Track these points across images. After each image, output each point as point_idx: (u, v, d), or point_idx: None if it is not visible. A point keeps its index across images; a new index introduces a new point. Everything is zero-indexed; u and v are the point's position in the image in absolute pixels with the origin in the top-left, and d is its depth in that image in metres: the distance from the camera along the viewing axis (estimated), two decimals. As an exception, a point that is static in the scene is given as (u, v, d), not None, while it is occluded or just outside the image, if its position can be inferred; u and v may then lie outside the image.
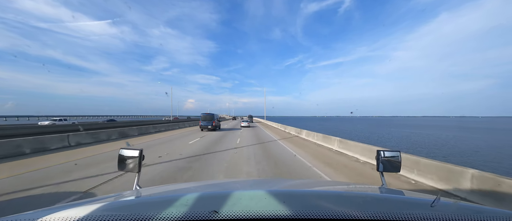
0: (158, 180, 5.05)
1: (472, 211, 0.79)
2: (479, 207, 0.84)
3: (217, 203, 0.80)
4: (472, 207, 0.85)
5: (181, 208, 0.74)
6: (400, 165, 1.49)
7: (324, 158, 8.38)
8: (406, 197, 1.05)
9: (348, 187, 1.42)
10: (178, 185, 1.52)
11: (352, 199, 0.98)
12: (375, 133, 36.42)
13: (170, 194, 0.89)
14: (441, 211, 0.77)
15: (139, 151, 1.40)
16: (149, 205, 0.78)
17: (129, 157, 1.40)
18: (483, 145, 20.60)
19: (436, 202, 0.81)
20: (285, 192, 1.01)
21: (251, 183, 1.62)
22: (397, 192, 1.20)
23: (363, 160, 7.92)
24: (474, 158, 14.04)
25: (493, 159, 13.70)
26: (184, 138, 14.06)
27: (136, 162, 1.39)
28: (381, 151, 1.51)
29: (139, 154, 1.40)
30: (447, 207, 0.83)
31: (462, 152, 16.40)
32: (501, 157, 14.36)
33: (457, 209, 0.82)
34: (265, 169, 6.29)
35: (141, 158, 1.41)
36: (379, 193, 1.17)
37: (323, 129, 43.14)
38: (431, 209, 0.79)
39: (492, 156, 14.92)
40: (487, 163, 12.51)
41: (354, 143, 9.02)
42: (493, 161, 13.23)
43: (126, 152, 1.41)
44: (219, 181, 2.29)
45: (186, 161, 7.05)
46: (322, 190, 1.27)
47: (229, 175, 5.62)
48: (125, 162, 1.40)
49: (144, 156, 1.44)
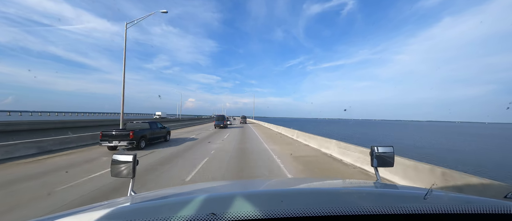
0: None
1: (462, 201, 0.85)
2: (469, 197, 0.89)
3: (215, 205, 0.79)
4: (462, 197, 0.90)
5: (179, 212, 0.73)
6: (394, 160, 1.53)
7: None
8: (400, 190, 1.10)
9: (344, 183, 1.45)
10: (174, 189, 1.50)
11: (349, 195, 1.01)
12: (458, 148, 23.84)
13: (167, 199, 0.87)
14: (434, 203, 0.81)
15: (133, 156, 1.38)
16: (145, 211, 0.77)
17: (123, 162, 1.38)
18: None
19: (429, 195, 0.85)
20: (282, 191, 1.02)
21: (248, 184, 1.62)
22: (392, 186, 1.25)
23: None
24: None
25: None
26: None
27: (130, 168, 1.36)
28: (374, 147, 1.56)
29: (133, 159, 1.37)
30: (439, 199, 0.89)
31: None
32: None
33: (449, 200, 0.88)
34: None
35: (135, 163, 1.38)
36: (374, 188, 1.21)
37: (340, 135, 35.94)
38: (424, 201, 0.83)
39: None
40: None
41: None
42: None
43: (120, 157, 1.39)
44: (216, 183, 2.28)
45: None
46: (319, 188, 1.29)
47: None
48: (119, 168, 1.38)
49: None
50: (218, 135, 18.17)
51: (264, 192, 0.89)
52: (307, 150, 11.13)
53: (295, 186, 1.39)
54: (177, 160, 8.30)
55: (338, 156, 9.20)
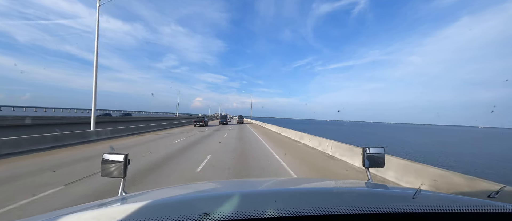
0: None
1: (449, 201, 0.88)
2: (455, 197, 0.93)
3: (207, 205, 0.79)
4: (449, 197, 0.94)
5: (171, 212, 0.72)
6: (384, 161, 1.56)
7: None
8: (390, 190, 1.13)
9: (336, 183, 1.48)
10: (166, 190, 1.48)
11: (340, 195, 1.03)
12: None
13: (159, 199, 0.87)
14: (422, 202, 0.85)
15: (124, 156, 1.31)
16: (136, 211, 0.75)
17: (113, 161, 1.31)
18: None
19: (418, 194, 0.88)
20: (275, 191, 1.04)
21: (240, 183, 1.64)
22: (382, 186, 1.29)
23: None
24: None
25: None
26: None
27: (121, 168, 1.30)
28: (366, 148, 1.58)
29: (124, 159, 1.31)
30: (427, 198, 0.92)
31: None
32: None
33: (436, 199, 0.92)
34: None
35: (127, 162, 1.32)
36: (365, 188, 1.25)
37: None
38: (413, 200, 0.86)
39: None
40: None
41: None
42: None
43: (110, 157, 1.32)
44: (208, 183, 2.28)
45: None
46: (312, 188, 1.31)
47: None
48: (109, 167, 1.32)
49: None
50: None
51: (257, 192, 0.90)
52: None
53: (289, 187, 1.40)
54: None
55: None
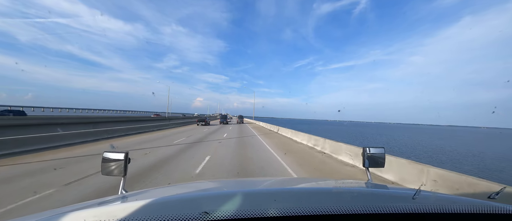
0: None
1: (449, 201, 0.89)
2: (455, 198, 0.93)
3: (207, 204, 0.80)
4: (448, 197, 0.94)
5: (171, 211, 0.72)
6: (384, 161, 1.56)
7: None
8: (390, 191, 1.12)
9: (336, 183, 1.48)
10: (166, 188, 1.49)
11: (341, 194, 1.04)
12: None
13: (159, 198, 0.87)
14: (422, 202, 0.85)
15: (124, 154, 1.32)
16: (136, 210, 0.76)
17: (114, 160, 1.32)
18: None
19: (417, 195, 0.88)
20: (275, 190, 1.04)
21: (240, 182, 1.64)
22: (382, 186, 1.29)
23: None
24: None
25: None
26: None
27: (122, 166, 1.31)
28: (366, 148, 1.58)
29: (124, 157, 1.32)
30: (427, 199, 0.92)
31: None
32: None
33: (436, 200, 0.92)
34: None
35: (127, 161, 1.33)
36: (365, 188, 1.25)
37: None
38: (413, 201, 0.86)
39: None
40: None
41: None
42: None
43: (110, 155, 1.33)
44: (208, 182, 2.29)
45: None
46: (312, 187, 1.31)
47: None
48: (110, 166, 1.32)
49: (130, 159, 1.33)
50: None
51: (258, 191, 0.91)
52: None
53: (289, 186, 1.41)
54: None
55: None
